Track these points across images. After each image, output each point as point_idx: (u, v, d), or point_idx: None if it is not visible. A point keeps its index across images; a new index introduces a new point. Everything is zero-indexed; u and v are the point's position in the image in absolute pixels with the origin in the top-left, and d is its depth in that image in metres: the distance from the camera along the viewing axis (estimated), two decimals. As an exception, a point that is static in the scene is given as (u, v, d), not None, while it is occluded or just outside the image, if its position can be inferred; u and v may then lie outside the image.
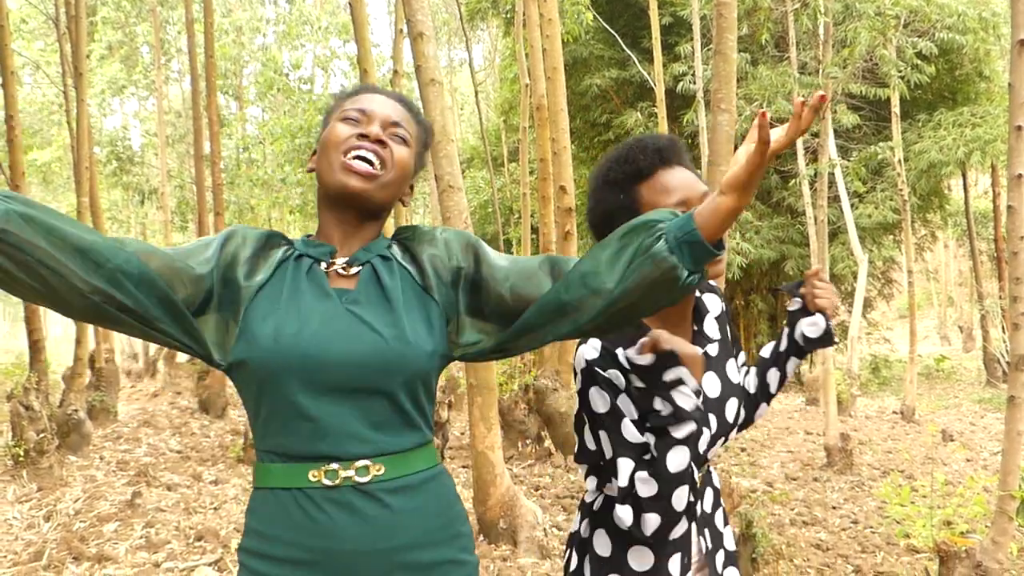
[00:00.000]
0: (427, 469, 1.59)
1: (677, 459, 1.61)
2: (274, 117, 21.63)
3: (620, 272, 1.41)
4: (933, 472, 6.88)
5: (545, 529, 5.21)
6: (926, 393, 16.45)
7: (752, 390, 2.06)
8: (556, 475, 7.25)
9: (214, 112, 11.33)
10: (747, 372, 2.07)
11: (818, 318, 1.99)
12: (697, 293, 1.92)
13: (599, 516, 1.80)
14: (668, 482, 1.61)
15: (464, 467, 7.35)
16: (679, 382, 1.61)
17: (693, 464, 1.70)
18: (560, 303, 1.48)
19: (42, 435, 6.52)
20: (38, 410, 6.54)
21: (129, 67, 24.81)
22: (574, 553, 1.86)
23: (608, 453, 1.71)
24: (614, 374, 1.69)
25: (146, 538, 5.21)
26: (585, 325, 1.48)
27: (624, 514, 1.66)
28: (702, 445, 1.76)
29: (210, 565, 4.80)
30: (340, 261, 1.62)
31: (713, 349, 1.88)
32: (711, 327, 1.90)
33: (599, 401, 1.70)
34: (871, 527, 6.18)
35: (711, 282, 1.98)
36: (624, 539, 1.77)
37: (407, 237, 1.70)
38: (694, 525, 1.81)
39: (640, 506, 1.63)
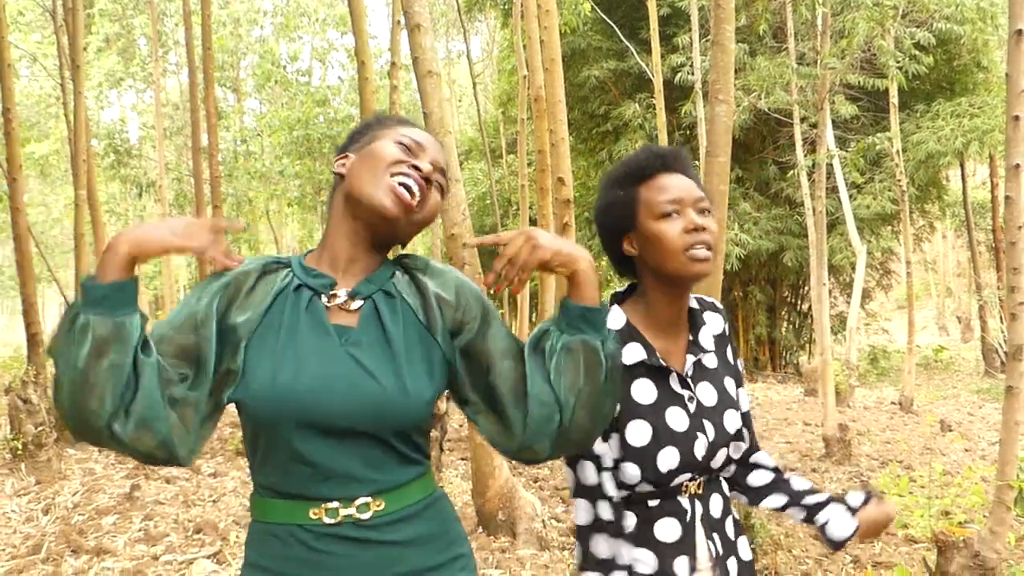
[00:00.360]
0: (426, 497, 1.59)
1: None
2: (272, 109, 21.64)
3: (550, 384, 1.50)
4: (931, 462, 6.89)
5: (544, 521, 5.21)
6: (924, 383, 16.48)
7: (752, 482, 2.04)
8: (555, 467, 7.26)
9: (212, 104, 11.30)
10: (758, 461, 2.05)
11: (852, 528, 1.94)
12: (697, 305, 1.95)
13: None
14: None
15: (463, 459, 7.36)
16: None
17: (693, 472, 1.79)
18: (536, 442, 1.53)
19: (40, 428, 6.52)
20: (36, 403, 6.53)
21: (126, 59, 24.76)
22: (579, 547, 1.87)
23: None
24: None
25: (145, 531, 5.21)
26: (570, 435, 1.54)
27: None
28: (699, 451, 1.79)
29: (209, 558, 4.81)
30: (341, 294, 1.57)
31: (710, 361, 1.91)
32: (707, 339, 1.92)
33: None
34: (869, 517, 6.18)
35: (715, 303, 2.01)
36: (628, 542, 1.79)
37: (416, 267, 1.65)
38: (700, 528, 1.82)
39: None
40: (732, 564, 1.87)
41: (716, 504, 1.87)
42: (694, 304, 1.94)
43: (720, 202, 4.48)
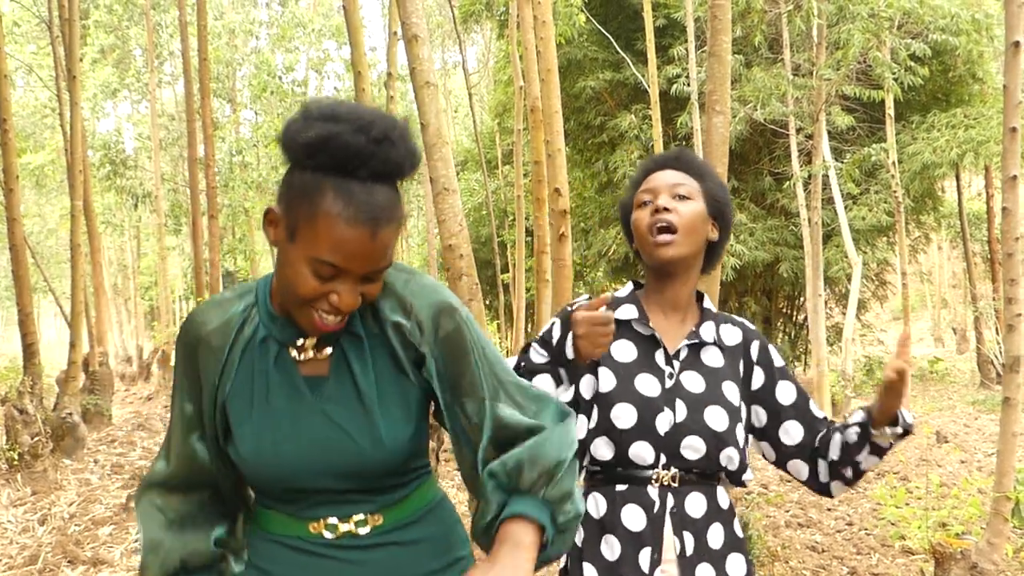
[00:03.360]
0: (426, 504, 1.59)
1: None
2: (268, 120, 21.62)
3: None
4: (928, 474, 6.88)
5: (541, 532, 5.19)
6: (920, 395, 16.48)
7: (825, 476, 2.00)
8: (551, 477, 7.25)
9: (208, 115, 11.31)
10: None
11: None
12: (714, 312, 2.02)
13: None
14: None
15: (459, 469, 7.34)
16: None
17: (657, 450, 1.83)
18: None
19: (36, 439, 6.50)
20: (32, 414, 6.52)
21: (122, 70, 24.76)
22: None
23: None
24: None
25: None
26: None
27: None
28: (661, 425, 1.82)
29: (205, 569, 4.78)
30: (309, 344, 1.48)
31: (712, 359, 1.94)
32: (708, 335, 1.96)
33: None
34: (866, 529, 6.19)
35: (745, 323, 2.07)
36: (597, 530, 1.85)
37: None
38: (669, 521, 1.83)
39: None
40: (706, 571, 1.85)
41: (696, 504, 1.86)
42: (710, 307, 2.01)
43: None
